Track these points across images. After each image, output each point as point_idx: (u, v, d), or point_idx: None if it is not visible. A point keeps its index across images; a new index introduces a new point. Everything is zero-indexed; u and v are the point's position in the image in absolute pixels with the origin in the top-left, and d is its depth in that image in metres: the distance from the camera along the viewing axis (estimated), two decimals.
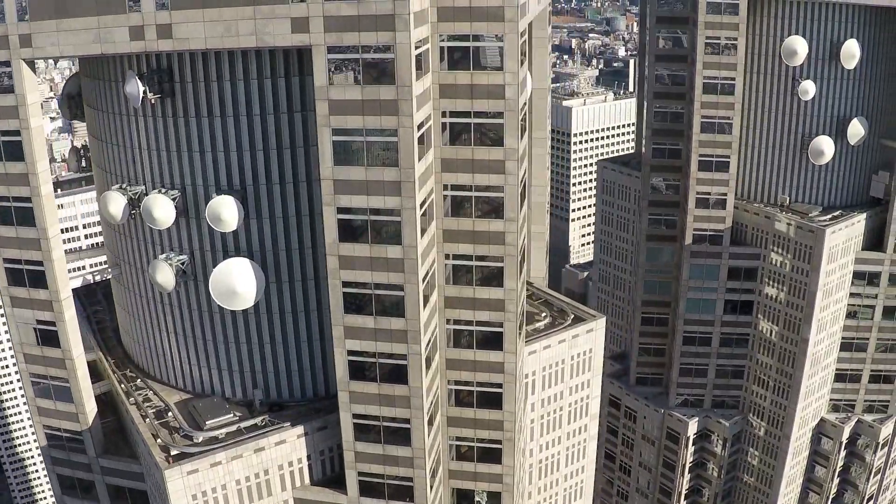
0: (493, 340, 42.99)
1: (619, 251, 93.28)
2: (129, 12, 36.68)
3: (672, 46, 75.27)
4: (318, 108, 36.10)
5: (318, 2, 34.71)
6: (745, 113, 75.26)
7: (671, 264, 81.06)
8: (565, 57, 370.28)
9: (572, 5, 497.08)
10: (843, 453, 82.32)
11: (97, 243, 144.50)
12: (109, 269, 48.30)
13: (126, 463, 46.75)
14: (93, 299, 56.13)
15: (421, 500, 42.91)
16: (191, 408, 45.47)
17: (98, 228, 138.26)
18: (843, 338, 79.41)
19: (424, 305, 39.58)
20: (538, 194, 57.58)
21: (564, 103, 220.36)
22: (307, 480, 44.83)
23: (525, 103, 40.86)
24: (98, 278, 48.81)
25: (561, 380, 54.58)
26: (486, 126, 39.11)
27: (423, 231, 38.56)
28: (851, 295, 77.57)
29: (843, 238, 73.77)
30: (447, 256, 41.59)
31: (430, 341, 41.14)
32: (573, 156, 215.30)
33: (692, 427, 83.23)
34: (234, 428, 43.70)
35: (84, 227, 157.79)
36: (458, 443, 45.84)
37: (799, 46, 70.82)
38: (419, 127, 36.71)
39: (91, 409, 46.35)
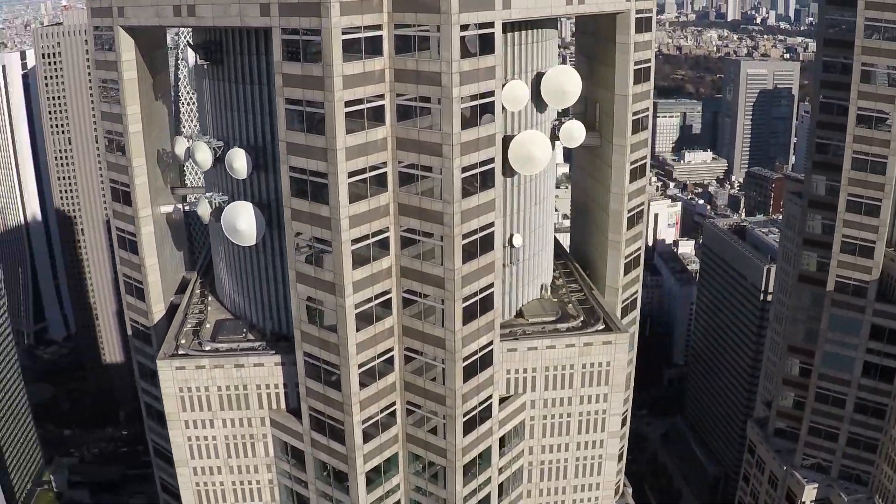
0: (438, 315, 45.49)
1: None
2: None
3: (839, 73, 66.88)
4: (276, 80, 42.22)
5: None
6: None
7: (819, 311, 72.41)
8: None
9: None
10: None
11: None
12: (193, 202, 59.30)
13: None
14: None
15: (350, 445, 47.09)
16: (221, 325, 54.70)
17: None
18: None
19: (357, 265, 43.75)
20: (616, 202, 56.94)
21: None
22: (283, 405, 51.44)
23: (472, 94, 41.73)
24: (186, 208, 60.01)
25: (569, 385, 53.90)
26: (431, 110, 41.97)
27: (359, 197, 42.75)
28: None
29: None
30: (402, 228, 45.11)
31: (370, 300, 44.98)
32: None
33: (809, 493, 73.53)
34: (234, 346, 51.99)
35: None
36: (411, 408, 48.85)
37: None
38: (353, 103, 41.02)
39: (159, 310, 57.59)
